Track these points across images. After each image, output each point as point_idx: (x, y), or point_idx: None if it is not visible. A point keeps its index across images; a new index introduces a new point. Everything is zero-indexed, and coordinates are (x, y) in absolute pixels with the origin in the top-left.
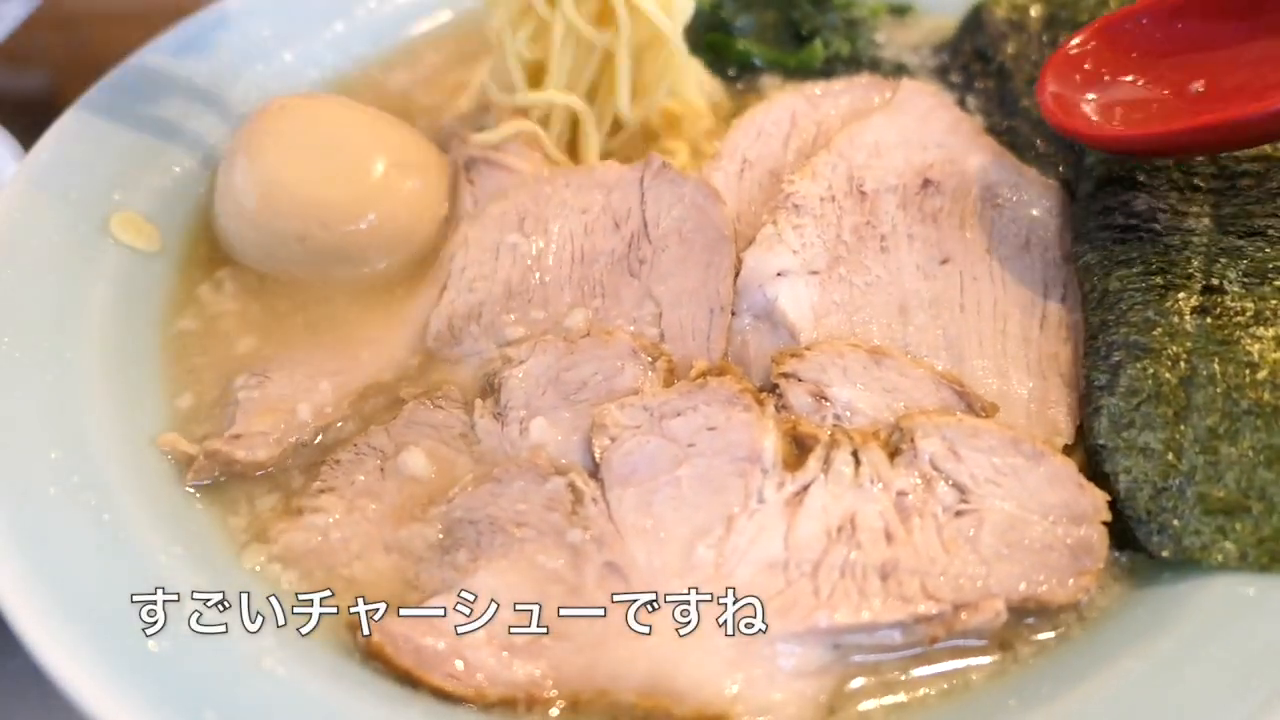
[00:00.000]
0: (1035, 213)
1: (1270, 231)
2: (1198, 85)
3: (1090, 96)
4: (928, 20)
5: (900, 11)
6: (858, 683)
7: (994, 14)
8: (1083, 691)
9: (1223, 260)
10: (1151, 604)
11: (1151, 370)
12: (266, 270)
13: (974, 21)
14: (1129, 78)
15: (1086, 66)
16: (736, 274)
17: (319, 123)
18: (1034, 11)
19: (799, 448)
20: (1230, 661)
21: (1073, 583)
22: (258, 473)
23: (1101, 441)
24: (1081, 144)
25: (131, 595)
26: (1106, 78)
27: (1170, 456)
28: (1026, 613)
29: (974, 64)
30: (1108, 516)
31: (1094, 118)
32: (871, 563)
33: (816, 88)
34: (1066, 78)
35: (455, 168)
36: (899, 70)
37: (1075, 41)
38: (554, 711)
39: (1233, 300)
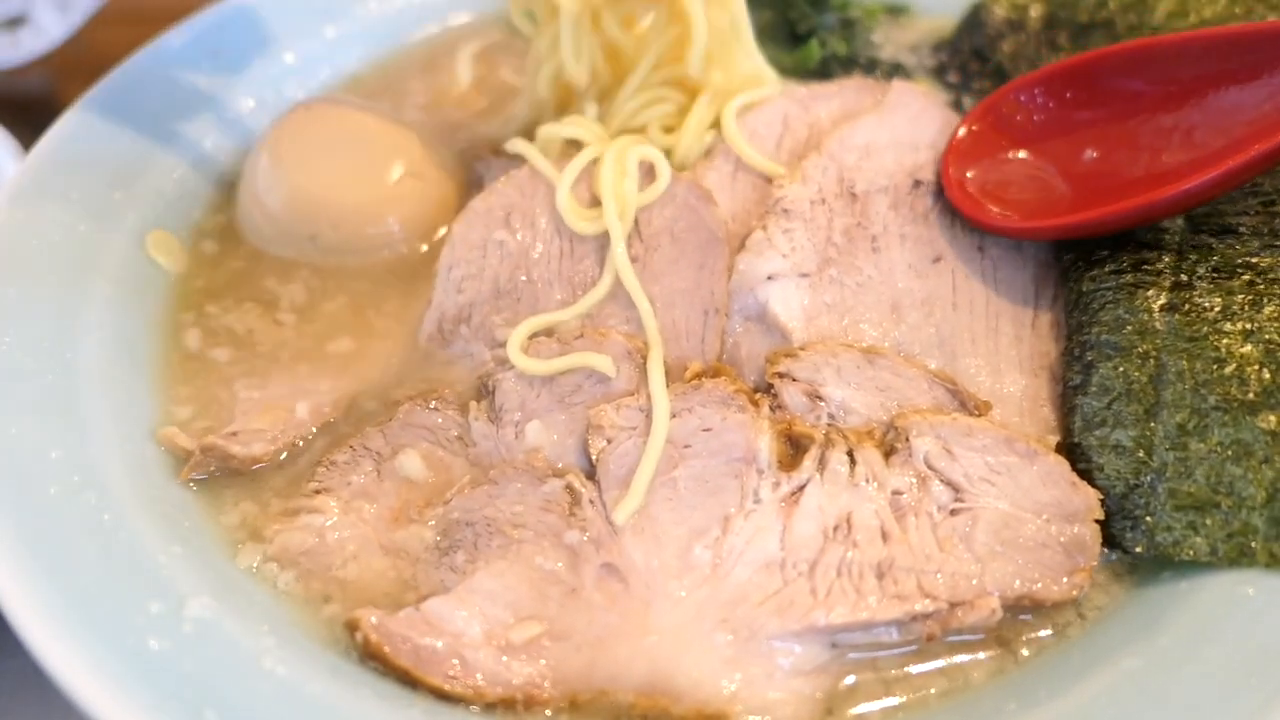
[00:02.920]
0: None
1: (1241, 229)
2: (1090, 154)
3: (989, 182)
4: (925, 21)
5: (897, 12)
6: (856, 681)
7: (994, 13)
8: (1082, 691)
9: (1193, 256)
10: (1150, 603)
11: (1122, 369)
12: (279, 254)
13: (973, 20)
14: (1023, 157)
15: (984, 148)
16: (730, 275)
17: (337, 127)
18: (1034, 11)
19: (794, 448)
20: (1229, 661)
21: (1067, 580)
22: (254, 467)
23: (1076, 440)
24: None
25: (131, 595)
26: (1002, 160)
27: (1141, 454)
28: (1022, 610)
29: (971, 63)
30: (1100, 514)
31: (994, 208)
32: (868, 561)
33: (807, 90)
34: (968, 163)
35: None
36: (896, 70)
37: (970, 125)
38: (553, 711)
39: (1201, 296)
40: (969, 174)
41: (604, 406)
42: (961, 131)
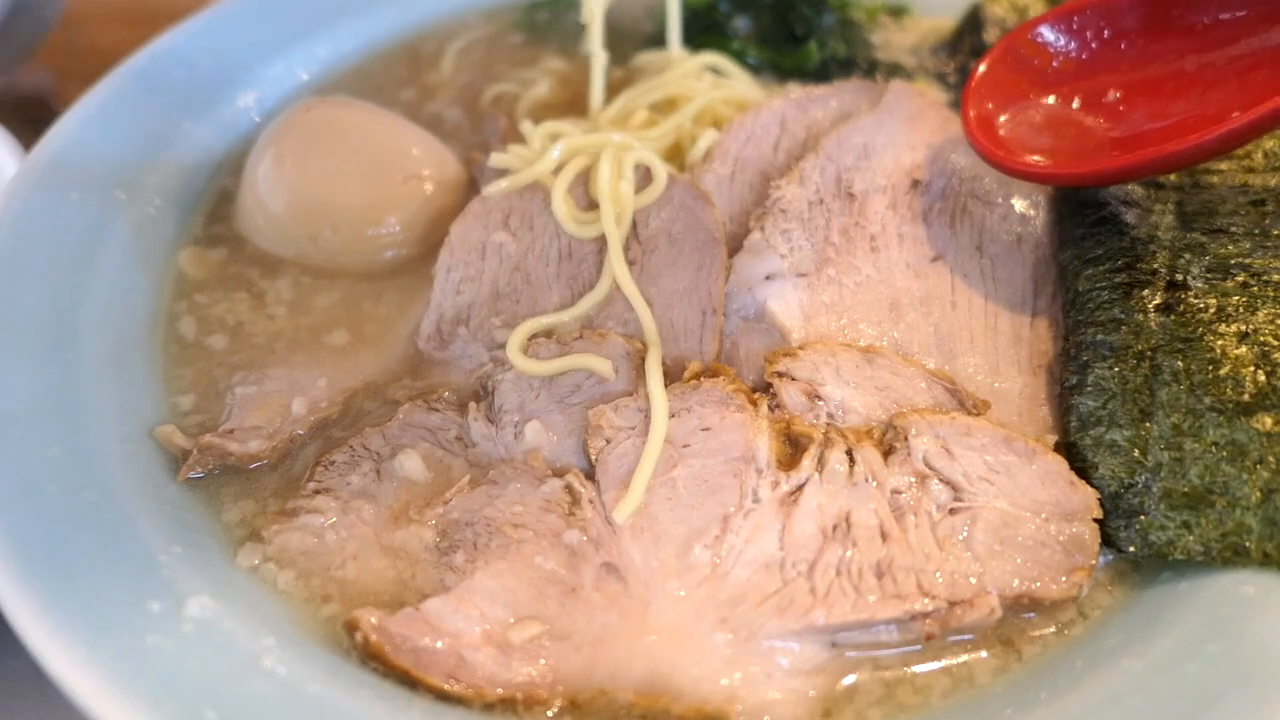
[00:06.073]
0: (1026, 210)
1: (1233, 229)
2: (1113, 94)
3: (1008, 121)
4: (924, 21)
5: (897, 13)
6: (855, 681)
7: (993, 12)
8: (1084, 691)
9: (1186, 256)
10: (1151, 603)
11: (1117, 369)
12: (279, 254)
13: (972, 20)
14: (1048, 100)
15: (1004, 90)
16: (727, 275)
17: (338, 128)
18: (1034, 11)
19: (793, 447)
20: (1229, 660)
21: (1066, 579)
22: (252, 465)
23: (1072, 439)
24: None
25: (131, 595)
26: (1025, 104)
27: (1136, 453)
28: (1022, 609)
29: (971, 63)
30: (1099, 513)
31: (1015, 149)
32: (867, 561)
33: (805, 92)
34: (988, 105)
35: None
36: (895, 71)
37: (987, 64)
38: (553, 711)
39: (1195, 297)
40: (993, 117)
41: (603, 407)
42: (982, 68)
